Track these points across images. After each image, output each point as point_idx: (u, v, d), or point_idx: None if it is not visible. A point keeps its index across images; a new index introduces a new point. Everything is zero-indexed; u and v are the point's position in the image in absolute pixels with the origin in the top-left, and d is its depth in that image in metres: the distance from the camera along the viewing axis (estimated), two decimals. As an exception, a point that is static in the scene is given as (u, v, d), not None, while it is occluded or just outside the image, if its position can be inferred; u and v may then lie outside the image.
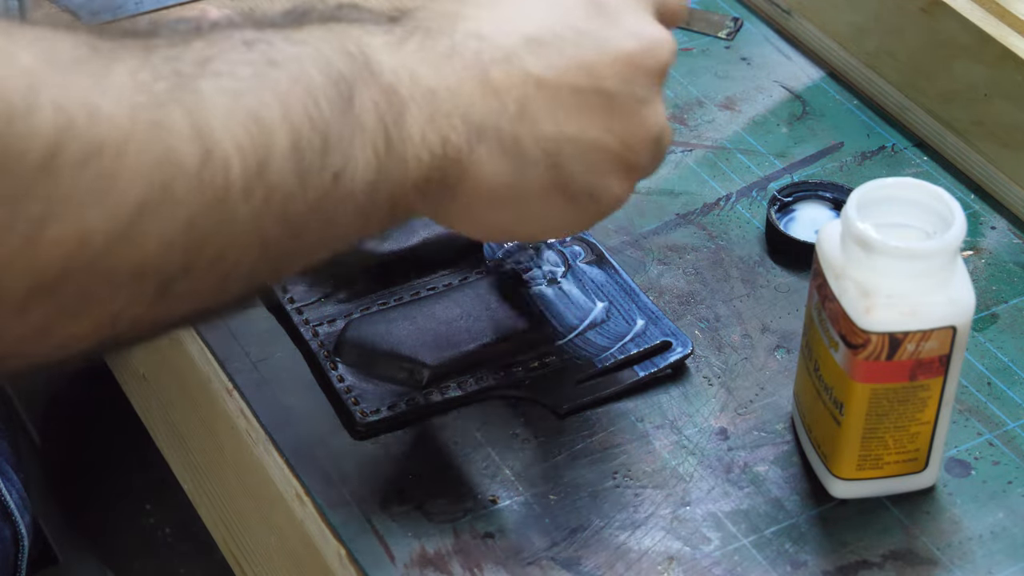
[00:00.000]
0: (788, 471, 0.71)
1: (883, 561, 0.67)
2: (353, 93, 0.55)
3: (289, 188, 0.52)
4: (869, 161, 0.89)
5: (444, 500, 0.69)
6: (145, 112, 0.48)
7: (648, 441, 0.72)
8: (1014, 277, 0.81)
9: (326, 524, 0.68)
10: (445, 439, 0.72)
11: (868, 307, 0.64)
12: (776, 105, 0.92)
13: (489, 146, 0.60)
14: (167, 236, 0.49)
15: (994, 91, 0.85)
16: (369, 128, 0.55)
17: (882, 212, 0.66)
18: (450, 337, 0.74)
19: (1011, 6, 0.84)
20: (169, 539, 1.09)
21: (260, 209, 0.51)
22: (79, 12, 0.97)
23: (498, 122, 0.60)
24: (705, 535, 0.68)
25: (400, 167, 0.57)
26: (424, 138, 0.57)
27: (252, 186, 0.51)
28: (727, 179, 0.87)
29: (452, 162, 0.59)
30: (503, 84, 0.60)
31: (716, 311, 0.79)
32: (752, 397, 0.74)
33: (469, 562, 0.66)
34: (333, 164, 0.53)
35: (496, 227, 0.64)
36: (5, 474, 0.88)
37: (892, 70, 0.91)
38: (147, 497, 1.10)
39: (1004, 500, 0.70)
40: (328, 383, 0.74)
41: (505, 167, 0.60)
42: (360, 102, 0.55)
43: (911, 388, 0.66)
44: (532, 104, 0.60)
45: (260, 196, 0.51)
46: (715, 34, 0.98)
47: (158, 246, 0.49)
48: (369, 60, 0.56)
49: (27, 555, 0.88)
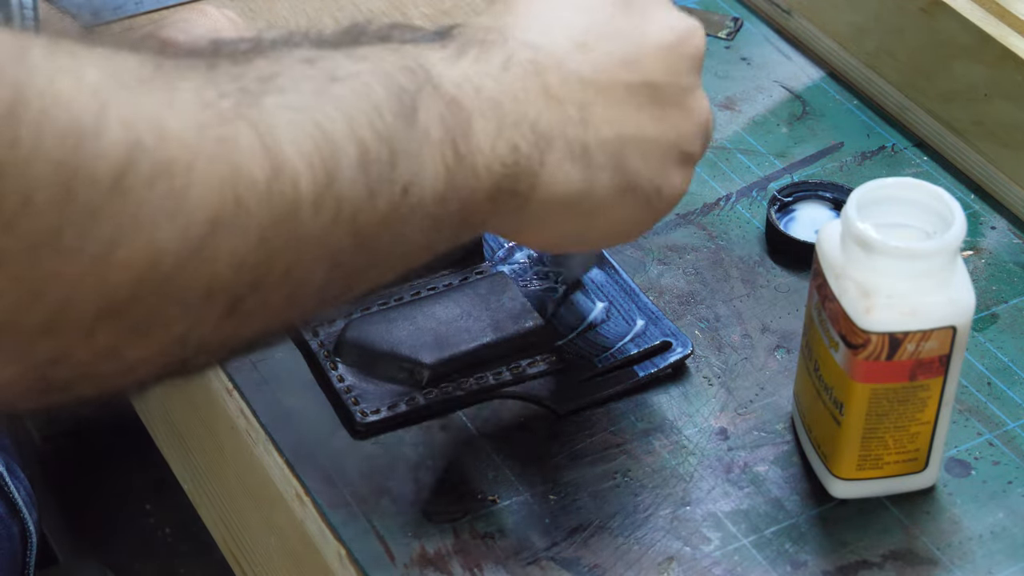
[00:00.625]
0: (788, 471, 0.71)
1: (883, 561, 0.67)
2: (417, 106, 0.54)
3: (358, 201, 0.52)
4: (869, 161, 0.89)
5: (444, 500, 0.69)
6: (212, 129, 0.48)
7: (648, 441, 0.72)
8: (1014, 277, 0.81)
9: (326, 524, 0.68)
10: (445, 439, 0.72)
11: (868, 307, 0.64)
12: (776, 105, 0.92)
13: (558, 154, 0.60)
14: (238, 253, 0.48)
15: (994, 91, 0.85)
16: (436, 140, 0.55)
17: (882, 212, 0.66)
18: (450, 337, 0.74)
19: (1011, 6, 0.84)
20: (169, 539, 1.09)
21: (330, 223, 0.51)
22: (80, 12, 0.97)
23: (564, 130, 0.60)
24: (705, 535, 0.68)
25: (471, 178, 0.56)
26: (494, 148, 0.57)
27: (322, 199, 0.50)
28: (727, 179, 0.87)
29: (524, 171, 0.59)
30: (562, 92, 0.60)
31: (716, 311, 0.79)
32: (752, 397, 0.74)
33: (469, 562, 0.66)
34: (402, 176, 0.53)
35: (568, 236, 0.64)
36: (13, 472, 0.88)
37: (892, 70, 0.91)
38: (147, 497, 1.10)
39: (1004, 500, 0.70)
40: (328, 383, 0.74)
41: (576, 174, 0.60)
42: (425, 115, 0.55)
43: (911, 388, 0.66)
44: (592, 109, 0.60)
45: (330, 209, 0.51)
46: (715, 34, 0.98)
47: (229, 263, 0.48)
48: (430, 74, 0.56)
49: (36, 552, 0.88)
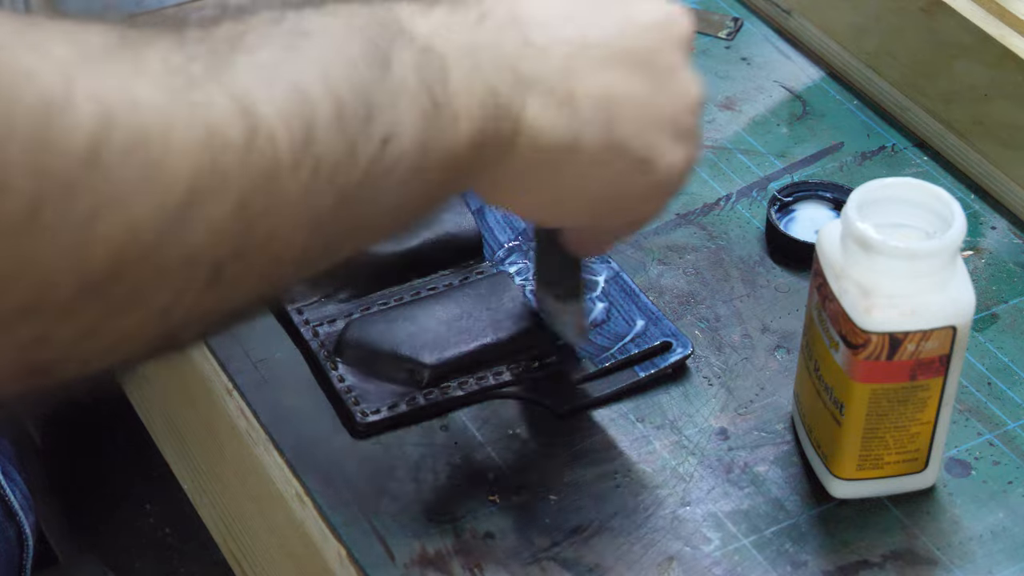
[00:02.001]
0: (788, 471, 0.71)
1: (883, 561, 0.67)
2: (391, 57, 0.53)
3: (338, 157, 0.50)
4: (869, 161, 0.89)
5: (444, 500, 0.69)
6: (184, 94, 0.47)
7: (648, 441, 0.72)
8: (1014, 277, 0.81)
9: (326, 524, 0.68)
10: (445, 439, 0.72)
11: (868, 307, 0.64)
12: (776, 105, 0.92)
13: (542, 99, 0.58)
14: (218, 219, 0.47)
15: (994, 91, 0.85)
16: (412, 89, 0.53)
17: (882, 212, 0.66)
18: (450, 337, 0.74)
19: (1011, 6, 0.84)
20: (169, 539, 1.09)
21: (310, 182, 0.50)
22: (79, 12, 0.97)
23: (548, 76, 0.58)
24: (705, 535, 0.68)
25: (451, 124, 0.55)
26: (471, 90, 0.55)
27: (300, 158, 0.49)
28: (727, 179, 0.87)
29: (505, 113, 0.57)
30: (545, 42, 0.58)
31: (716, 311, 0.79)
32: (752, 397, 0.74)
33: (469, 562, 0.66)
34: (380, 128, 0.52)
35: (548, 199, 0.62)
36: (8, 474, 0.88)
37: (892, 70, 0.91)
38: (147, 497, 1.10)
39: (1004, 500, 0.70)
40: (328, 383, 0.73)
41: (560, 123, 0.58)
42: (399, 64, 0.53)
43: (911, 388, 0.66)
44: (578, 62, 0.59)
45: (309, 168, 0.50)
46: (715, 34, 0.98)
47: (209, 231, 0.47)
48: (402, 25, 0.55)
49: (32, 555, 0.87)
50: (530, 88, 0.58)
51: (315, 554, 0.69)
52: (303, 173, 0.49)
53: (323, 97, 0.50)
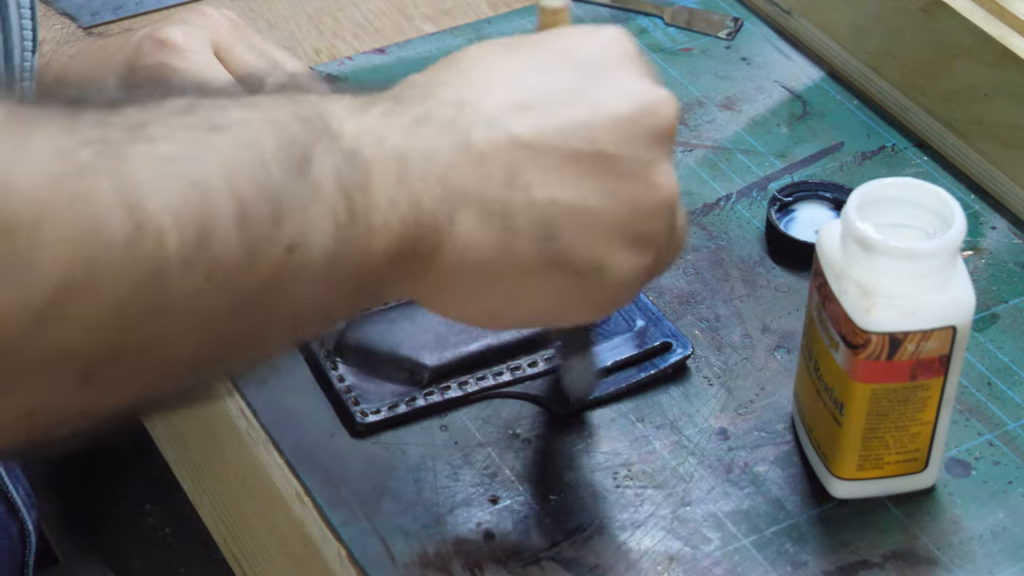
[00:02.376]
0: (788, 471, 0.71)
1: (883, 561, 0.67)
2: (310, 158, 0.50)
3: (236, 261, 0.47)
4: (869, 161, 0.89)
5: (444, 500, 0.69)
6: (66, 182, 0.43)
7: (648, 441, 0.72)
8: (1014, 277, 0.81)
9: (326, 524, 0.68)
10: (445, 439, 0.72)
11: (868, 307, 0.64)
12: (776, 105, 0.92)
13: (471, 213, 0.54)
14: (91, 318, 0.44)
15: (994, 91, 0.85)
16: (328, 195, 0.50)
17: (882, 212, 0.66)
18: (450, 337, 0.74)
19: (1011, 6, 0.84)
20: (169, 539, 1.09)
21: (202, 284, 0.47)
22: (79, 12, 0.97)
23: (482, 188, 0.54)
24: (705, 535, 0.68)
25: (365, 236, 0.51)
26: (393, 203, 0.52)
27: (192, 259, 0.46)
28: (727, 179, 0.87)
29: (426, 229, 0.53)
30: (487, 148, 0.54)
31: (716, 311, 0.79)
32: (752, 397, 0.74)
33: (469, 562, 0.66)
34: (287, 234, 0.49)
35: (485, 309, 0.58)
36: (12, 472, 0.88)
37: (892, 70, 0.91)
38: (147, 497, 1.10)
39: (1004, 500, 0.70)
40: (328, 383, 0.74)
41: (489, 238, 0.55)
42: (318, 168, 0.50)
43: (911, 388, 0.66)
44: (522, 169, 0.55)
45: (201, 270, 0.46)
46: (715, 34, 0.98)
47: (80, 329, 0.44)
48: (328, 125, 0.51)
49: (34, 552, 0.87)
50: (460, 201, 0.54)
51: (315, 554, 0.69)
52: (195, 275, 0.46)
53: (224, 197, 0.47)
